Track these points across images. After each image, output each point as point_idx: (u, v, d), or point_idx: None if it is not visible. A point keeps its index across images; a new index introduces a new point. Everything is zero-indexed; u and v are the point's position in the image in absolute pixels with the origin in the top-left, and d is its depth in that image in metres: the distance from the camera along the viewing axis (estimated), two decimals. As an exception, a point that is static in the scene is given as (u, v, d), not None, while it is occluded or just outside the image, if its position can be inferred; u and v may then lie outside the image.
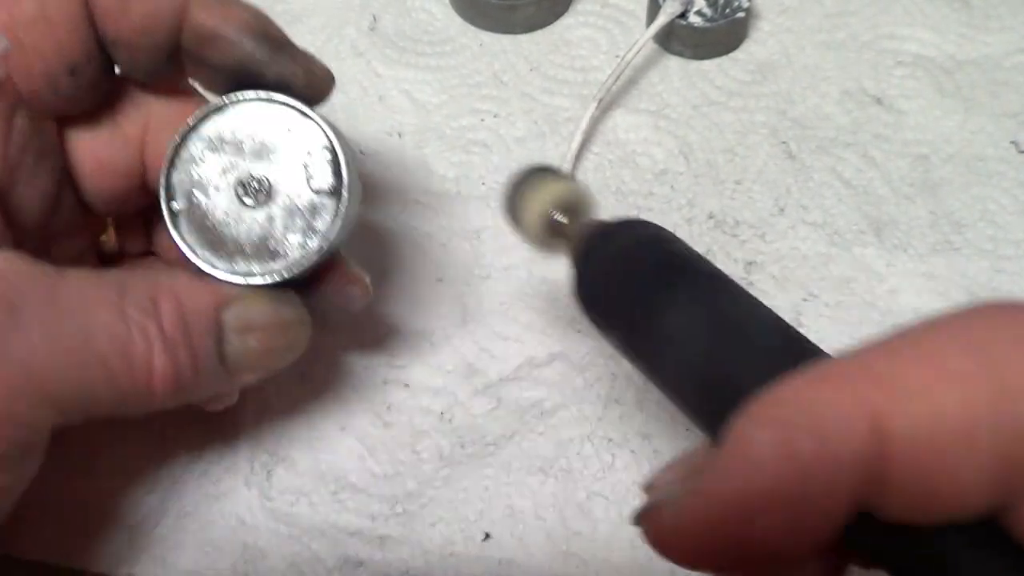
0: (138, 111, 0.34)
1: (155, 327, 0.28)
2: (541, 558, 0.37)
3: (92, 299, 0.28)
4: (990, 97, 0.49)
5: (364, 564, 0.36)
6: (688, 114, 0.49)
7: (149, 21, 0.30)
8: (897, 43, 0.51)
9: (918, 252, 0.44)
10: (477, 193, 0.46)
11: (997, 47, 0.51)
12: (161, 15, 0.30)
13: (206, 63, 0.32)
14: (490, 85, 0.50)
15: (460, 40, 0.52)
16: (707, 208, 0.45)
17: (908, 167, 0.47)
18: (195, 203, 0.32)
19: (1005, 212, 0.45)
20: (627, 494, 0.38)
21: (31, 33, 0.29)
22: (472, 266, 0.43)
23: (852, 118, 0.48)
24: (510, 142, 0.48)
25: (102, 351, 0.27)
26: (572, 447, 0.39)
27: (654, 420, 0.40)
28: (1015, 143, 0.48)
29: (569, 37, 0.52)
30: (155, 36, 0.31)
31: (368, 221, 0.45)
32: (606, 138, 0.48)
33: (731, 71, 0.50)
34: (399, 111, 0.49)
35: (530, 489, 0.38)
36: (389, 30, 0.52)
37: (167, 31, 0.31)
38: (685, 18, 0.50)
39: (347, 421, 0.40)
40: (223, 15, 0.31)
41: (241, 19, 0.31)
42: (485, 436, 0.39)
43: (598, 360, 0.41)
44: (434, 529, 0.37)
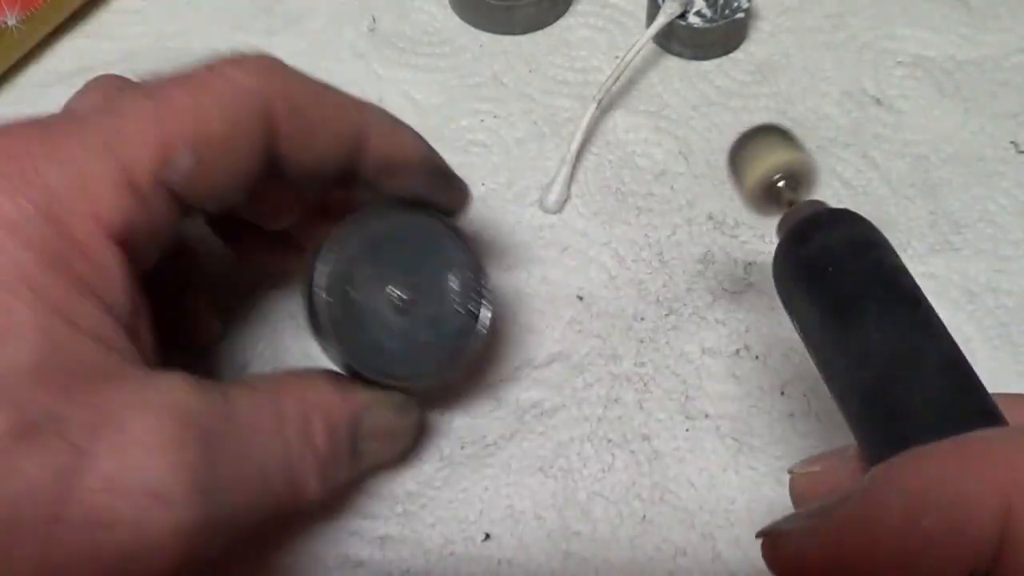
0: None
1: (311, 451, 0.31)
2: (541, 558, 0.37)
3: (259, 427, 0.29)
4: (990, 97, 0.49)
5: (364, 564, 0.36)
6: (688, 114, 0.49)
7: (331, 152, 0.31)
8: (897, 43, 0.51)
9: (917, 252, 0.44)
10: (476, 193, 0.46)
11: (997, 47, 0.51)
12: (342, 146, 0.31)
13: (378, 189, 0.32)
14: (490, 86, 0.50)
15: (459, 41, 0.52)
16: (707, 208, 0.45)
17: (908, 167, 0.47)
18: (343, 298, 0.33)
19: (1005, 212, 0.45)
20: (627, 494, 0.38)
21: (213, 153, 0.29)
22: (472, 267, 0.43)
23: (852, 118, 0.48)
24: (510, 143, 0.48)
25: (272, 479, 0.29)
26: (572, 447, 0.39)
27: (654, 420, 0.40)
28: (1015, 143, 0.48)
29: (569, 38, 0.52)
30: (334, 165, 0.31)
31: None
32: (606, 139, 0.48)
33: (731, 72, 0.50)
34: (398, 112, 0.48)
35: (530, 489, 0.38)
36: (388, 31, 0.52)
37: (347, 161, 0.31)
38: (685, 19, 0.50)
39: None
40: (401, 146, 0.32)
41: (418, 152, 0.32)
42: (485, 436, 0.39)
43: (598, 361, 0.41)
44: (434, 529, 0.37)
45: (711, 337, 0.42)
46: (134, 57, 0.51)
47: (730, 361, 0.41)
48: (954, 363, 0.26)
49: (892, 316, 0.26)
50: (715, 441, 0.39)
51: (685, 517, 0.37)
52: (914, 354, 0.26)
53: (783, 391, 0.40)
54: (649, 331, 0.42)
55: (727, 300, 0.43)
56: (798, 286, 0.29)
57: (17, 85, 0.50)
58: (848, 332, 0.26)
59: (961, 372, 0.25)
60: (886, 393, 0.25)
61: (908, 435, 0.24)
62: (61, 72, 0.50)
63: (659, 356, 0.41)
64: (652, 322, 0.42)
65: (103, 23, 0.52)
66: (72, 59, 0.51)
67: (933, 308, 0.27)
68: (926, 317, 0.27)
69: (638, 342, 0.41)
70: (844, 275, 0.27)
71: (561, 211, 0.45)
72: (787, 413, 0.40)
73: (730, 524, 0.37)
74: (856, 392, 0.26)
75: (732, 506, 0.38)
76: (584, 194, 0.46)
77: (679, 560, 0.37)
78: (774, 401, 0.40)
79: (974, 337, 0.42)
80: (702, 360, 0.41)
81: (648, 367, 0.41)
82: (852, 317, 0.27)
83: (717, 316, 0.42)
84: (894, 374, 0.25)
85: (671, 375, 0.41)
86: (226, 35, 0.51)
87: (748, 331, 0.42)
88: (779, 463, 0.39)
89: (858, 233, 0.28)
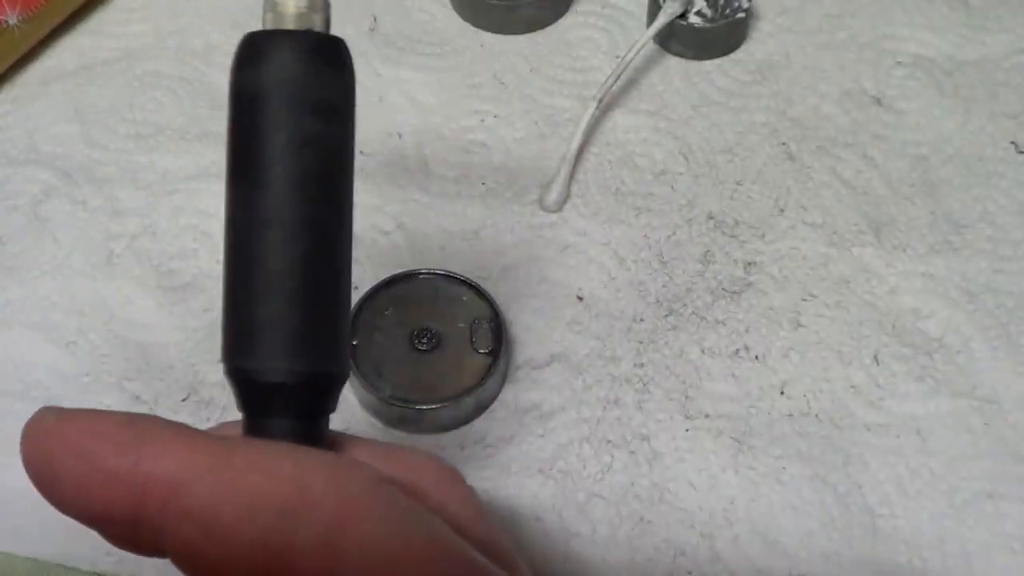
0: None
1: None
2: (541, 559, 0.37)
3: None
4: (989, 98, 0.49)
5: (364, 565, 0.36)
6: (688, 114, 0.49)
7: None
8: (897, 44, 0.51)
9: (917, 252, 0.44)
10: (476, 193, 0.46)
11: (996, 48, 0.51)
12: None
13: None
14: (490, 86, 0.50)
15: (460, 41, 0.52)
16: (707, 208, 0.45)
17: (907, 167, 0.47)
18: (372, 341, 0.40)
19: (1004, 212, 0.45)
20: (626, 495, 0.38)
21: None
22: (471, 267, 0.43)
23: (852, 118, 0.48)
24: (510, 143, 0.48)
25: None
26: (571, 449, 0.39)
27: (653, 421, 0.40)
28: (1014, 143, 0.48)
29: (569, 38, 0.52)
30: None
31: (367, 222, 0.45)
32: (606, 138, 0.48)
33: (731, 72, 0.50)
34: (399, 111, 0.49)
35: (529, 490, 0.38)
36: (389, 31, 0.52)
37: None
38: (685, 18, 0.50)
39: (348, 423, 0.40)
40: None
41: None
42: (484, 438, 0.39)
43: (597, 362, 0.41)
44: (433, 530, 0.37)
45: (711, 337, 0.42)
46: (134, 56, 0.51)
47: (730, 361, 0.41)
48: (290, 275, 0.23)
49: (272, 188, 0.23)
50: (714, 441, 0.39)
51: (684, 517, 0.37)
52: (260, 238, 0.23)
53: (783, 391, 0.40)
54: (649, 331, 0.42)
55: (727, 300, 0.43)
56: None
57: (17, 84, 0.50)
58: (233, 182, 0.23)
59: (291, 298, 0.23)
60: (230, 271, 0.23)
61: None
62: (62, 71, 0.50)
63: (659, 356, 0.41)
64: (652, 322, 0.42)
65: (103, 22, 0.52)
66: (73, 58, 0.51)
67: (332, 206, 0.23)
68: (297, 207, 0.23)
69: (637, 343, 0.41)
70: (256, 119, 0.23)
71: (561, 211, 0.45)
72: (787, 413, 0.40)
73: (729, 524, 0.37)
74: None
75: (731, 506, 0.38)
76: (584, 194, 0.46)
77: (678, 560, 0.37)
78: (773, 401, 0.40)
79: (974, 337, 0.42)
80: (701, 360, 0.41)
81: (648, 368, 0.41)
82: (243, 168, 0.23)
83: (717, 316, 0.42)
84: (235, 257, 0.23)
85: (670, 375, 0.41)
86: (226, 33, 0.51)
87: (748, 331, 0.42)
88: (779, 463, 0.39)
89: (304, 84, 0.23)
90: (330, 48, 0.23)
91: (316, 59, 0.23)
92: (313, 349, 0.23)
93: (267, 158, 0.22)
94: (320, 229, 0.23)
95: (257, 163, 0.23)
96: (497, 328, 0.40)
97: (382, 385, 0.39)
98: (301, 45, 0.23)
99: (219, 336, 0.23)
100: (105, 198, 0.45)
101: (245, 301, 0.23)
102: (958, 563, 0.37)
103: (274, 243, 0.22)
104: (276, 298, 0.22)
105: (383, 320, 0.40)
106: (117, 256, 0.44)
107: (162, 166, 0.47)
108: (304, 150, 0.23)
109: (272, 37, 0.23)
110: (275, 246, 0.22)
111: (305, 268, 0.23)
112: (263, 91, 0.23)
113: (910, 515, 0.38)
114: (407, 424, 0.39)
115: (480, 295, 0.41)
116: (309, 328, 0.23)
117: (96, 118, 0.48)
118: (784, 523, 0.37)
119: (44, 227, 0.45)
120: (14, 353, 0.41)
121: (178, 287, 0.43)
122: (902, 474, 0.38)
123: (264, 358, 0.22)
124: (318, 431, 0.24)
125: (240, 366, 0.23)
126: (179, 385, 0.40)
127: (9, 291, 0.43)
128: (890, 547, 0.37)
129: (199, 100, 0.49)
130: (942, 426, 0.40)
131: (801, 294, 0.43)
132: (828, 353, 0.41)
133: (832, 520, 0.37)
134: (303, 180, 0.23)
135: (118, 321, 0.42)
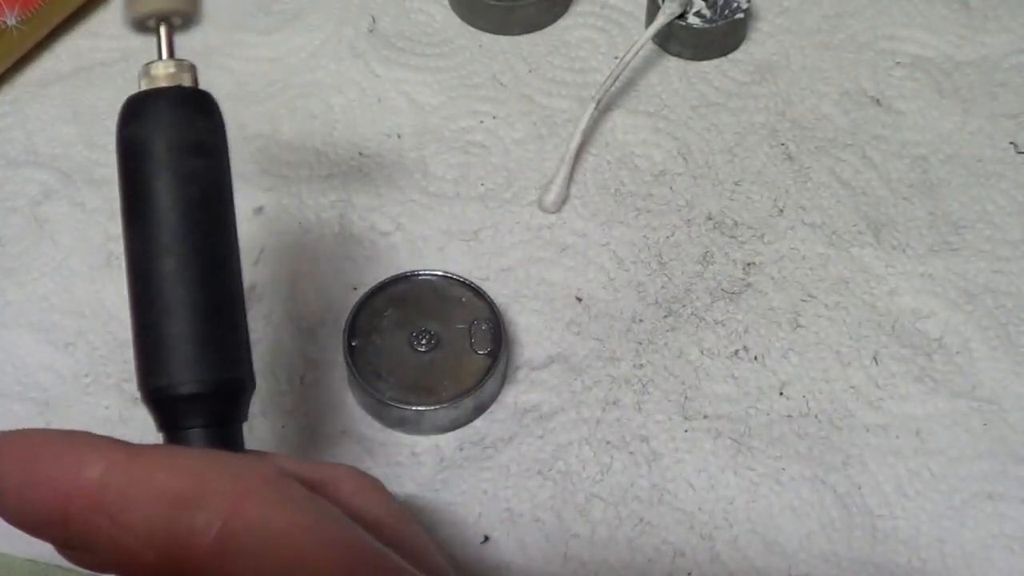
0: None
1: None
2: (540, 561, 0.37)
3: None
4: (989, 98, 0.49)
5: (363, 566, 0.36)
6: (687, 115, 0.49)
7: None
8: (896, 44, 0.51)
9: (916, 253, 0.44)
10: (475, 194, 0.46)
11: (996, 48, 0.51)
12: None
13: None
14: (489, 86, 0.50)
15: (459, 41, 0.52)
16: (706, 209, 0.45)
17: (907, 168, 0.47)
18: (371, 343, 0.40)
19: (1003, 213, 0.45)
20: (625, 496, 0.38)
21: None
22: (470, 267, 0.43)
23: (851, 119, 0.48)
24: (509, 143, 0.48)
25: None
26: (570, 450, 0.39)
27: (652, 422, 0.40)
28: (1014, 144, 0.48)
29: (568, 38, 0.52)
30: None
31: (365, 222, 0.45)
32: (605, 139, 0.48)
33: (730, 72, 0.50)
34: (398, 112, 0.49)
35: (528, 492, 0.38)
36: (388, 31, 0.52)
37: None
38: (684, 19, 0.50)
39: (347, 423, 0.40)
40: None
41: None
42: (483, 439, 0.39)
43: (596, 363, 0.41)
44: (433, 532, 0.37)
45: (710, 338, 0.42)
46: (133, 57, 0.51)
47: (729, 362, 0.41)
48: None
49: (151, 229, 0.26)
50: (714, 442, 0.39)
51: (684, 518, 0.37)
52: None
53: (782, 391, 0.40)
54: (648, 332, 0.42)
55: (726, 301, 0.43)
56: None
57: (16, 85, 0.50)
58: (129, 222, 0.26)
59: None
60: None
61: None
62: (60, 72, 0.50)
63: (658, 357, 0.41)
64: (651, 323, 0.42)
65: (103, 23, 0.52)
66: (71, 59, 0.51)
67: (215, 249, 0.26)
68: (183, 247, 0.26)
69: (637, 343, 0.41)
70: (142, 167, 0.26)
71: (560, 211, 0.45)
72: (786, 413, 0.40)
73: (729, 525, 0.37)
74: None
75: (731, 507, 0.38)
76: (583, 194, 0.46)
77: (678, 561, 0.37)
78: (773, 402, 0.40)
79: (974, 337, 0.42)
80: (701, 361, 0.41)
81: (647, 368, 0.41)
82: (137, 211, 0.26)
83: (716, 317, 0.42)
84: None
85: (670, 376, 0.41)
86: (225, 35, 0.51)
87: (747, 331, 0.42)
88: (778, 463, 0.39)
89: (179, 132, 0.27)
90: (198, 99, 0.27)
91: (187, 108, 0.27)
92: (216, 358, 0.26)
93: (156, 196, 0.26)
94: (209, 252, 0.26)
95: (148, 202, 0.26)
96: (496, 329, 0.40)
97: (381, 386, 0.39)
98: (174, 99, 0.27)
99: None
100: (104, 199, 0.45)
101: (150, 326, 0.26)
102: (958, 563, 0.37)
103: (170, 270, 0.25)
104: (178, 319, 0.25)
105: (382, 321, 0.40)
106: (116, 257, 0.44)
107: (161, 167, 0.47)
108: (187, 186, 0.26)
109: (149, 95, 0.27)
110: (171, 272, 0.26)
111: (200, 288, 0.26)
112: (146, 140, 0.26)
113: (909, 516, 0.38)
114: (406, 425, 0.39)
115: (479, 296, 0.41)
116: (211, 341, 0.26)
117: (95, 119, 0.48)
118: (783, 524, 0.37)
119: (43, 228, 0.45)
120: (13, 355, 0.41)
121: (177, 288, 0.43)
122: (901, 475, 0.38)
123: (173, 374, 0.25)
124: (231, 438, 0.26)
125: (154, 386, 0.26)
126: (178, 386, 0.40)
127: (8, 292, 0.43)
128: (890, 547, 0.37)
129: (198, 101, 0.49)
130: (941, 427, 0.40)
131: (800, 295, 0.43)
132: (827, 354, 0.41)
133: (831, 521, 0.37)
134: (189, 211, 0.26)
135: (117, 322, 0.42)
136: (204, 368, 0.25)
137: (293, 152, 0.47)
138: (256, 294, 0.43)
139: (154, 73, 0.27)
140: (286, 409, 0.40)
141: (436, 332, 0.40)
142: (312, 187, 0.46)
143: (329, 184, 0.46)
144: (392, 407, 0.38)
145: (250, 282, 0.43)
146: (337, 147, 0.47)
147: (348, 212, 0.45)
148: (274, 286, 0.43)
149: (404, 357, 0.40)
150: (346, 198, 0.46)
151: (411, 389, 0.39)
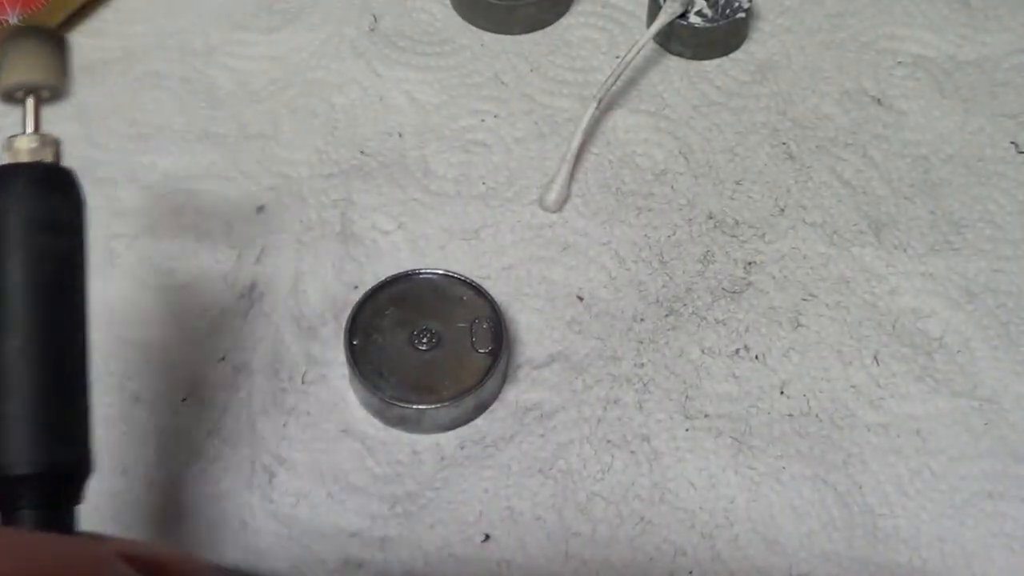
0: None
1: None
2: (540, 559, 0.37)
3: None
4: (990, 98, 0.49)
5: (364, 565, 0.36)
6: (688, 114, 0.49)
7: None
8: (897, 44, 0.51)
9: (917, 252, 0.44)
10: (476, 193, 0.46)
11: (997, 48, 0.51)
12: None
13: None
14: (490, 85, 0.50)
15: (460, 40, 0.52)
16: (707, 208, 0.45)
17: (908, 167, 0.47)
18: (372, 341, 0.40)
19: (1004, 212, 0.45)
20: (626, 495, 0.38)
21: None
22: (471, 266, 0.43)
23: (852, 118, 0.48)
24: (510, 142, 0.48)
25: None
26: (571, 448, 0.39)
27: (653, 421, 0.40)
28: (1014, 143, 0.48)
29: (569, 37, 0.52)
30: None
31: (367, 221, 0.45)
32: (606, 138, 0.48)
33: (731, 71, 0.50)
34: (399, 111, 0.49)
35: (529, 490, 0.38)
36: (389, 30, 0.52)
37: None
38: (685, 18, 0.50)
39: (348, 423, 0.40)
40: None
41: None
42: (484, 438, 0.39)
43: (597, 362, 0.41)
44: (433, 530, 0.37)
45: (711, 337, 0.42)
46: (135, 56, 0.51)
47: (730, 361, 0.41)
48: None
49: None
50: (715, 441, 0.39)
51: (685, 517, 0.37)
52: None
53: (783, 391, 0.40)
54: (649, 331, 0.42)
55: (727, 300, 0.43)
56: None
57: (17, 84, 0.50)
58: None
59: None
60: None
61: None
62: (61, 71, 0.50)
63: (659, 356, 0.41)
64: (652, 322, 0.42)
65: (104, 21, 0.52)
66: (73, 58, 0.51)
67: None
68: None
69: (638, 342, 0.42)
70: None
71: (561, 210, 0.45)
72: (787, 413, 0.40)
73: (729, 524, 0.37)
74: None
75: (731, 506, 0.38)
76: (584, 194, 0.46)
77: (679, 560, 0.37)
78: (773, 401, 0.40)
79: (974, 337, 0.42)
80: (702, 360, 0.41)
81: (648, 368, 0.41)
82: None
83: (717, 316, 0.42)
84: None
85: (671, 375, 0.41)
86: (227, 34, 0.51)
87: (748, 331, 0.42)
88: (779, 463, 0.39)
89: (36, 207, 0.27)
90: (58, 176, 0.28)
91: (46, 185, 0.27)
92: (51, 441, 0.26)
93: (5, 274, 0.26)
94: (55, 331, 0.26)
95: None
96: (497, 328, 0.40)
97: (382, 385, 0.39)
98: (33, 175, 0.27)
99: (219, 336, 0.24)
100: (106, 198, 0.45)
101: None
102: (958, 563, 0.37)
103: (13, 348, 0.26)
104: (16, 399, 0.26)
105: (383, 320, 0.40)
106: (118, 256, 0.44)
107: (162, 166, 0.47)
108: (39, 264, 0.26)
109: (7, 171, 0.27)
110: (15, 351, 0.26)
111: (44, 369, 0.26)
112: (1, 215, 0.26)
113: (910, 514, 0.38)
114: (407, 424, 0.39)
115: (480, 295, 0.41)
116: (47, 423, 0.26)
117: (96, 118, 0.48)
118: (784, 523, 0.37)
119: (44, 227, 0.44)
120: (14, 353, 0.41)
121: (178, 287, 0.43)
122: (902, 474, 0.38)
123: (10, 452, 0.25)
124: (65, 520, 0.26)
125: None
126: (179, 385, 0.40)
127: (9, 291, 0.43)
128: (890, 547, 0.37)
129: (199, 100, 0.49)
130: (942, 426, 0.40)
131: (801, 294, 0.43)
132: (828, 353, 0.41)
133: (832, 520, 0.37)
134: (38, 289, 0.26)
135: (119, 321, 0.42)
136: (39, 450, 0.26)
137: (294, 151, 0.47)
138: (257, 293, 0.43)
139: (16, 147, 0.27)
140: (287, 407, 0.40)
141: (437, 331, 0.40)
142: (313, 186, 0.46)
143: (330, 183, 0.46)
144: (393, 405, 0.38)
145: (251, 280, 0.43)
146: (338, 146, 0.47)
147: (349, 211, 0.45)
148: (275, 285, 0.43)
149: (405, 356, 0.40)
150: (347, 197, 0.46)
151: (412, 388, 0.39)
